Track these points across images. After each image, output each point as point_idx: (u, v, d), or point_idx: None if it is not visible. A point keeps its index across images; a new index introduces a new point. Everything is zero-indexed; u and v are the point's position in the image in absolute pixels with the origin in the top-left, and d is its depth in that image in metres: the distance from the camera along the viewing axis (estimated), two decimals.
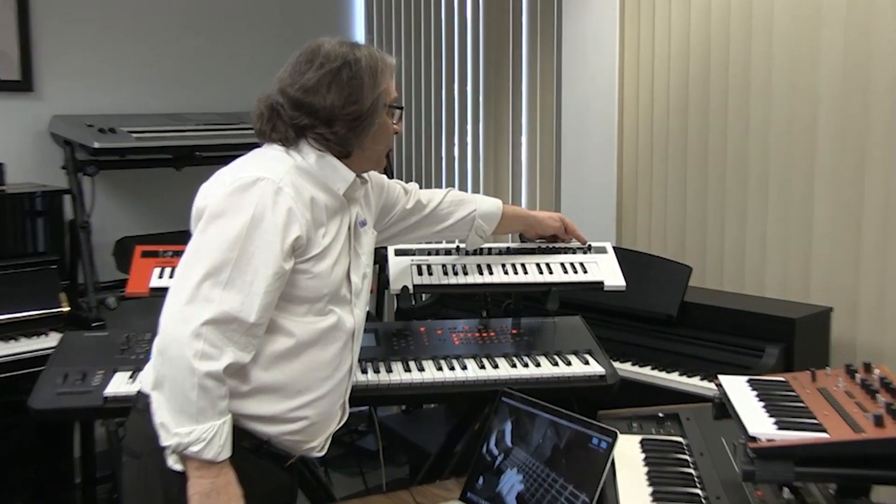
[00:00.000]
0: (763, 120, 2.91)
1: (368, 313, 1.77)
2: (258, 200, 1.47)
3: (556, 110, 3.62)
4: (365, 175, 1.76)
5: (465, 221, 2.10)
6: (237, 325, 1.45)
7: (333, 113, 1.57)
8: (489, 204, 2.14)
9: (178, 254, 1.51)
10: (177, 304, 1.44)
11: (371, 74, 1.58)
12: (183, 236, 1.55)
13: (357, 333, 1.69)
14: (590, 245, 2.30)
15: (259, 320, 1.47)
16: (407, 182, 2.06)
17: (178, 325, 1.42)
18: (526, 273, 2.19)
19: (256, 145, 1.64)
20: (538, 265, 2.22)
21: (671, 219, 3.22)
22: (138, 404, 1.53)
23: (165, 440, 1.42)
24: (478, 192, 3.98)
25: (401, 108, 1.70)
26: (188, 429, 1.41)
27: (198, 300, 1.43)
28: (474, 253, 2.21)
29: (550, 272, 2.20)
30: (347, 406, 1.72)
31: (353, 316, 1.66)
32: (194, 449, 1.41)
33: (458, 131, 4.25)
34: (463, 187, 4.13)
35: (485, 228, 2.13)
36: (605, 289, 2.19)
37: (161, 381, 1.43)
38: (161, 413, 1.43)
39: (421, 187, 2.08)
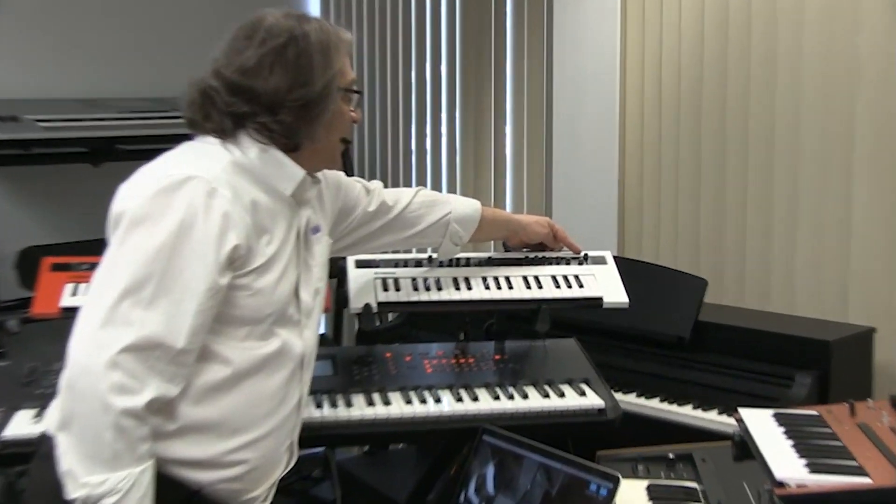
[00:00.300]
0: (791, 113, 2.94)
1: (322, 337, 1.78)
2: (188, 203, 1.47)
3: (546, 95, 3.65)
4: (318, 174, 1.76)
5: (438, 226, 2.11)
6: (162, 351, 1.44)
7: (278, 98, 1.57)
8: (466, 206, 2.15)
9: (95, 266, 1.50)
10: (89, 327, 1.43)
11: (322, 52, 1.59)
12: (100, 246, 1.53)
13: (308, 360, 1.69)
14: (586, 255, 2.31)
15: (188, 346, 1.47)
16: (369, 181, 2.07)
17: (90, 352, 1.41)
18: (511, 288, 2.20)
19: (188, 137, 1.64)
20: (525, 279, 2.22)
21: (683, 224, 3.25)
22: (42, 449, 1.51)
23: (73, 491, 1.40)
24: (453, 192, 4.01)
25: (359, 93, 1.70)
26: (100, 477, 1.40)
27: (114, 322, 1.42)
28: (449, 264, 2.22)
29: (540, 287, 2.21)
30: (296, 447, 1.72)
31: (303, 339, 1.66)
32: (108, 502, 1.39)
33: (430, 120, 4.26)
34: (436, 187, 4.16)
35: (461, 234, 2.14)
36: (605, 306, 2.21)
37: (69, 420, 1.42)
38: (68, 458, 1.41)
39: (386, 187, 2.09)
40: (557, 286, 2.22)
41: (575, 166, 3.50)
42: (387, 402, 2.02)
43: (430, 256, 2.22)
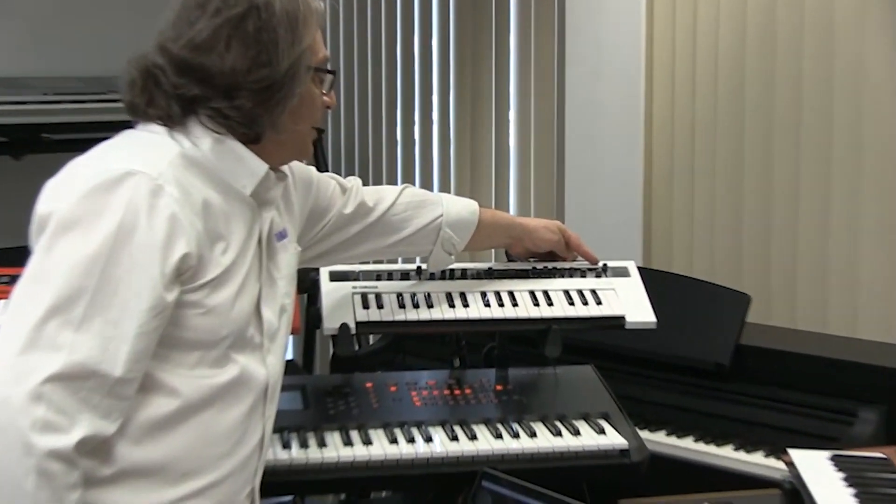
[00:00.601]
0: (852, 105, 2.95)
1: (290, 363, 1.79)
2: (128, 204, 1.48)
3: (557, 74, 3.66)
4: (284, 168, 1.77)
5: (428, 231, 2.13)
6: (96, 381, 1.44)
7: (235, 79, 1.58)
8: (461, 207, 2.17)
9: (15, 279, 1.51)
10: (8, 352, 1.42)
11: (289, 24, 1.60)
12: (21, 255, 1.54)
13: (272, 391, 1.70)
14: (605, 265, 2.33)
15: (128, 374, 1.47)
16: (345, 177, 2.08)
17: (8, 382, 1.40)
18: (515, 305, 2.21)
19: (128, 125, 1.65)
20: (532, 294, 2.24)
21: (722, 229, 3.27)
22: None
23: None
24: (446, 191, 4.03)
25: (333, 73, 1.71)
26: None
27: (39, 346, 1.42)
28: (441, 277, 2.24)
29: (550, 303, 2.22)
30: (258, 496, 1.72)
31: (266, 366, 1.67)
32: None
33: (419, 105, 4.28)
34: (426, 185, 4.17)
35: (455, 241, 2.16)
36: (628, 326, 2.23)
37: None
38: None
39: (366, 184, 2.10)
40: (571, 303, 2.23)
41: (592, 160, 3.52)
42: (367, 441, 2.03)
43: (418, 268, 2.24)
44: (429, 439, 2.05)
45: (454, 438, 2.06)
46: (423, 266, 2.23)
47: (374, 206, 2.07)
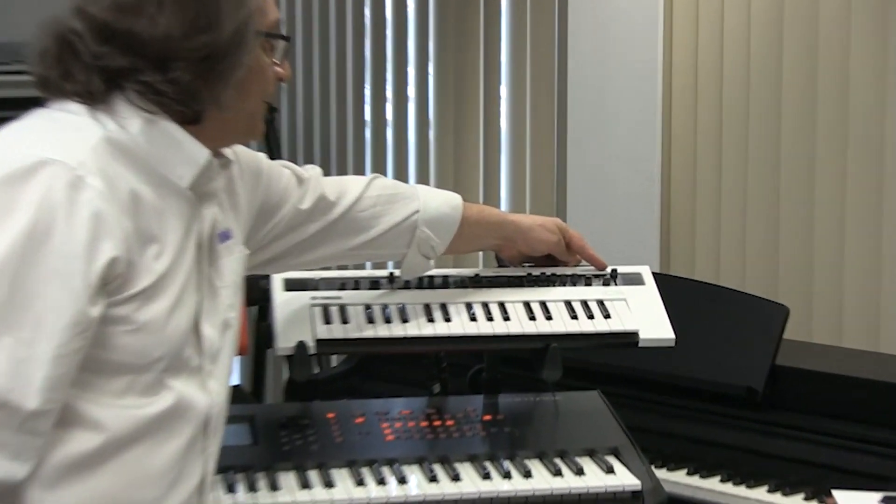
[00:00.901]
0: None
1: (236, 389, 1.79)
2: (42, 199, 1.47)
3: (559, 46, 3.68)
4: (228, 152, 1.77)
5: (401, 231, 2.13)
6: (5, 414, 1.44)
7: (169, 47, 1.58)
8: (441, 202, 2.18)
9: None
10: None
11: None
12: None
13: (215, 424, 1.70)
14: (615, 271, 2.34)
15: (44, 405, 1.47)
16: (302, 165, 2.08)
17: None
18: (507, 319, 2.22)
19: (40, 103, 1.64)
20: (527, 305, 2.25)
21: (754, 229, 3.30)
22: None
23: None
24: (425, 183, 4.01)
25: (287, 39, 1.72)
26: None
27: None
28: (419, 285, 2.25)
29: (548, 317, 2.23)
30: None
31: (207, 394, 1.67)
32: None
33: (392, 79, 4.29)
34: (401, 176, 4.19)
35: (434, 243, 2.16)
36: (642, 344, 2.24)
37: None
38: None
39: (327, 174, 2.10)
40: (573, 316, 2.24)
41: (599, 148, 3.54)
42: (329, 484, 2.03)
43: (391, 274, 2.24)
44: (403, 480, 2.05)
45: (433, 479, 2.06)
46: (396, 272, 2.23)
47: (337, 201, 2.07)
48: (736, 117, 3.32)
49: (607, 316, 2.25)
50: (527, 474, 2.09)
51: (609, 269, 2.34)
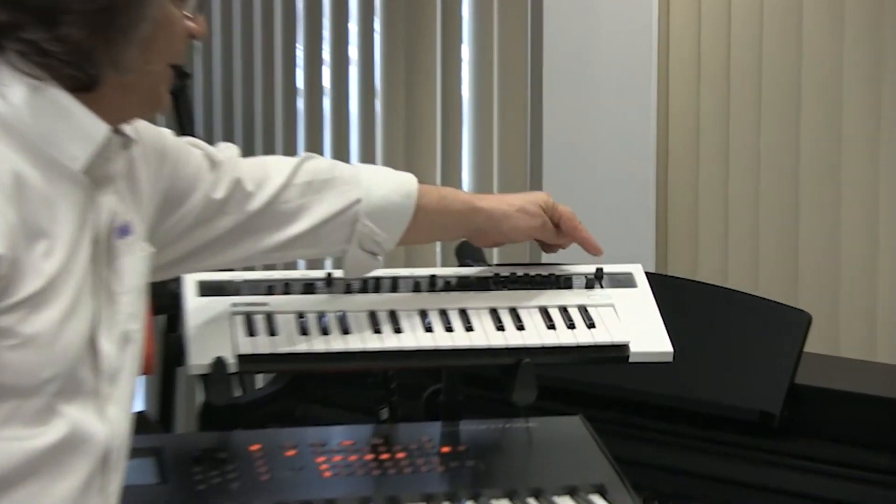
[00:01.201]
0: None
1: (140, 416, 1.78)
2: None
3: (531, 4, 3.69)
4: (129, 129, 1.77)
5: (339, 224, 2.13)
6: None
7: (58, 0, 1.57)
8: (390, 187, 2.17)
9: None
10: None
11: None
12: None
13: (115, 458, 1.69)
14: (600, 271, 2.36)
15: None
16: (216, 143, 2.08)
17: None
18: (470, 329, 2.23)
19: None
20: (495, 313, 2.26)
21: (768, 222, 3.34)
22: None
23: None
24: (370, 163, 4.00)
25: None
26: None
27: None
28: (363, 289, 2.26)
29: (519, 326, 2.24)
30: None
31: (107, 422, 1.67)
32: None
33: (331, 38, 4.29)
34: (340, 155, 4.19)
35: (381, 238, 2.16)
36: (633, 359, 2.25)
37: None
38: None
39: (247, 155, 2.10)
40: (550, 325, 2.25)
41: (581, 123, 3.56)
42: None
43: (328, 275, 2.25)
44: None
45: None
46: (336, 273, 2.24)
47: (258, 189, 2.06)
48: (747, 84, 3.34)
49: (591, 325, 2.27)
50: None
51: (594, 269, 2.35)
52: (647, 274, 2.39)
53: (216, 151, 2.05)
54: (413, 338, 2.20)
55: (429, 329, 2.21)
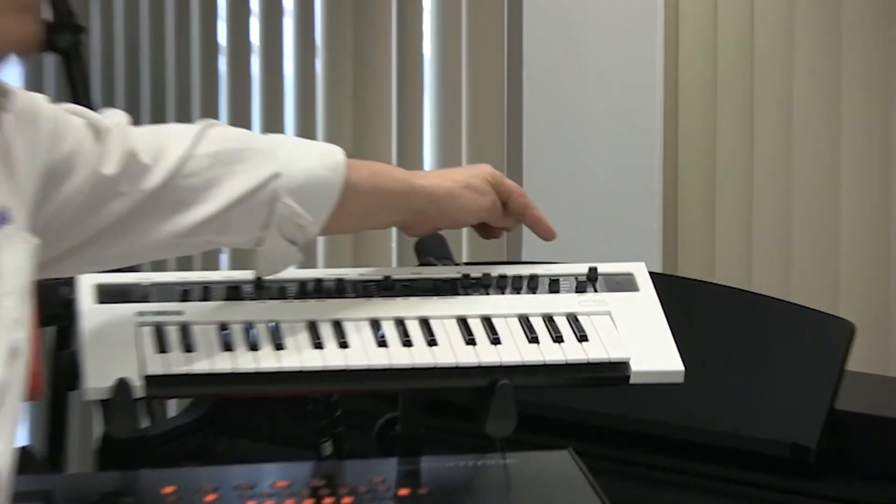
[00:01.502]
0: None
1: (24, 452, 1.78)
2: None
3: None
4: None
5: (254, 206, 2.12)
6: None
7: None
8: (314, 161, 2.17)
9: None
10: None
11: None
12: None
13: None
14: (594, 271, 2.36)
15: None
16: (103, 111, 2.08)
17: None
18: (433, 343, 2.22)
19: None
20: (463, 322, 2.26)
21: (802, 212, 3.37)
22: None
23: None
24: (310, 137, 4.01)
25: None
26: None
27: None
28: (300, 295, 2.26)
29: (494, 339, 2.24)
30: None
31: None
32: None
33: None
34: (271, 125, 4.20)
35: (304, 221, 2.15)
36: (634, 380, 2.24)
37: None
38: None
39: (139, 123, 2.10)
40: (532, 338, 2.25)
41: (570, 90, 3.57)
42: None
43: (258, 280, 2.25)
44: None
45: None
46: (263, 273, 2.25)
47: (157, 160, 2.05)
48: (778, 43, 3.36)
49: (583, 338, 2.26)
50: None
51: (586, 268, 2.36)
52: (652, 274, 2.39)
53: (101, 118, 2.03)
54: (363, 354, 2.19)
55: (382, 343, 2.20)
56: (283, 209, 2.14)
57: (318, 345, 2.19)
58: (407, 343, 2.21)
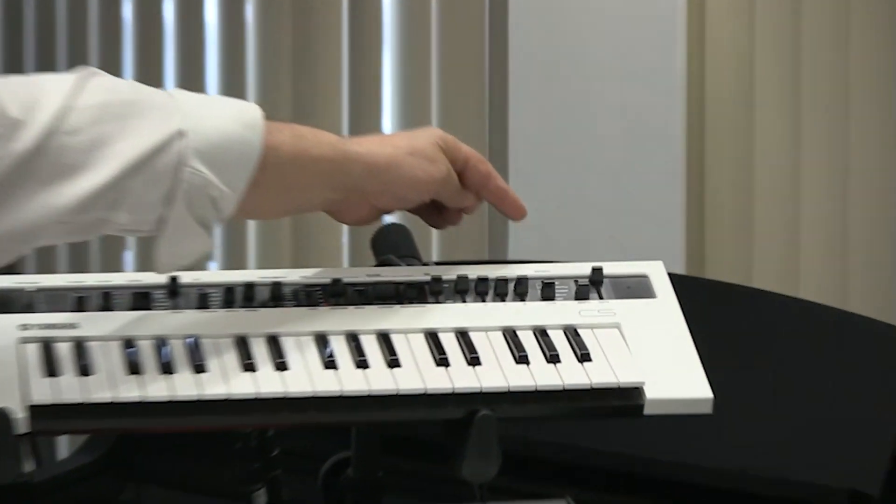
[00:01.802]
0: None
1: None
2: None
3: None
4: None
5: (156, 170, 2.09)
6: None
7: None
8: (226, 117, 2.14)
9: None
10: None
11: None
12: None
13: None
14: (598, 272, 2.37)
15: None
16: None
17: None
18: (395, 364, 2.22)
19: None
20: (433, 338, 2.26)
21: (860, 203, 3.42)
22: None
23: None
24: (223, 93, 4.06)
25: None
26: None
27: None
28: (226, 303, 2.26)
29: (472, 359, 2.23)
30: None
31: None
32: None
33: None
34: (191, 83, 4.19)
35: (218, 192, 2.12)
36: (649, 410, 2.24)
37: None
38: None
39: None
40: (520, 358, 2.24)
41: (565, 49, 3.58)
42: None
43: (173, 280, 2.25)
44: None
45: None
46: (183, 277, 2.25)
47: (29, 113, 2.04)
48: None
49: (584, 357, 2.25)
50: None
51: (588, 269, 2.36)
52: (672, 276, 2.39)
53: None
54: (305, 379, 2.18)
55: (330, 365, 2.19)
56: (190, 177, 2.10)
57: (248, 366, 2.18)
58: (362, 364, 2.20)
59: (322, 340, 2.22)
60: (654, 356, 2.29)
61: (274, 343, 2.21)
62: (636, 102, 3.52)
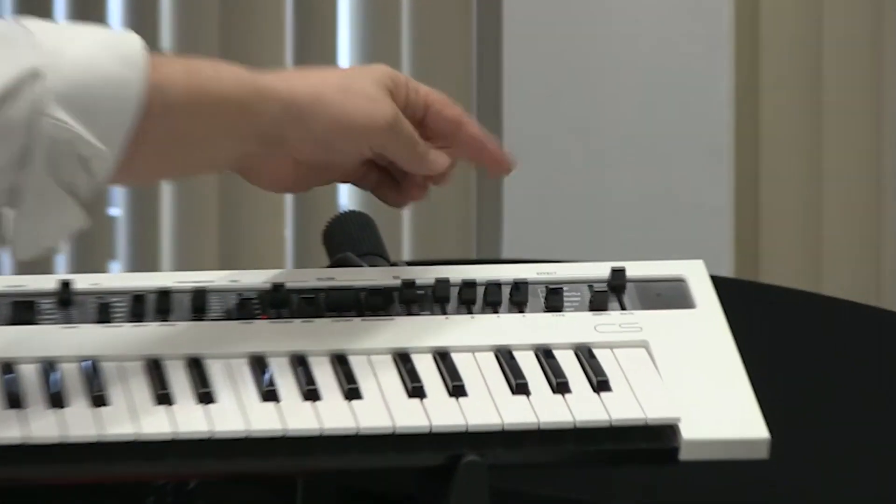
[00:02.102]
0: None
1: None
2: None
3: None
4: None
5: (6, 119, 2.05)
6: None
7: None
8: (96, 43, 2.09)
9: None
10: None
11: None
12: None
13: None
14: (619, 274, 2.34)
15: None
16: None
17: None
18: (354, 396, 2.19)
19: None
20: (404, 361, 2.24)
21: None
22: None
23: None
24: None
25: None
26: None
27: None
28: (135, 314, 2.24)
29: (456, 388, 2.21)
30: None
31: None
32: None
33: None
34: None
35: (87, 149, 2.07)
36: (686, 456, 2.20)
37: None
38: None
39: None
40: (518, 387, 2.22)
41: (562, 26, 3.58)
42: None
43: (64, 284, 2.23)
44: None
45: None
46: (79, 281, 2.23)
47: None
48: None
49: (602, 385, 2.23)
50: None
51: (607, 269, 2.33)
52: (715, 280, 2.37)
53: None
54: (238, 414, 2.16)
55: (270, 395, 2.18)
56: (52, 130, 2.04)
57: (163, 398, 2.15)
58: (311, 395, 2.18)
59: (259, 364, 2.20)
60: (692, 384, 2.26)
61: (196, 367, 2.19)
62: (673, 77, 3.55)
